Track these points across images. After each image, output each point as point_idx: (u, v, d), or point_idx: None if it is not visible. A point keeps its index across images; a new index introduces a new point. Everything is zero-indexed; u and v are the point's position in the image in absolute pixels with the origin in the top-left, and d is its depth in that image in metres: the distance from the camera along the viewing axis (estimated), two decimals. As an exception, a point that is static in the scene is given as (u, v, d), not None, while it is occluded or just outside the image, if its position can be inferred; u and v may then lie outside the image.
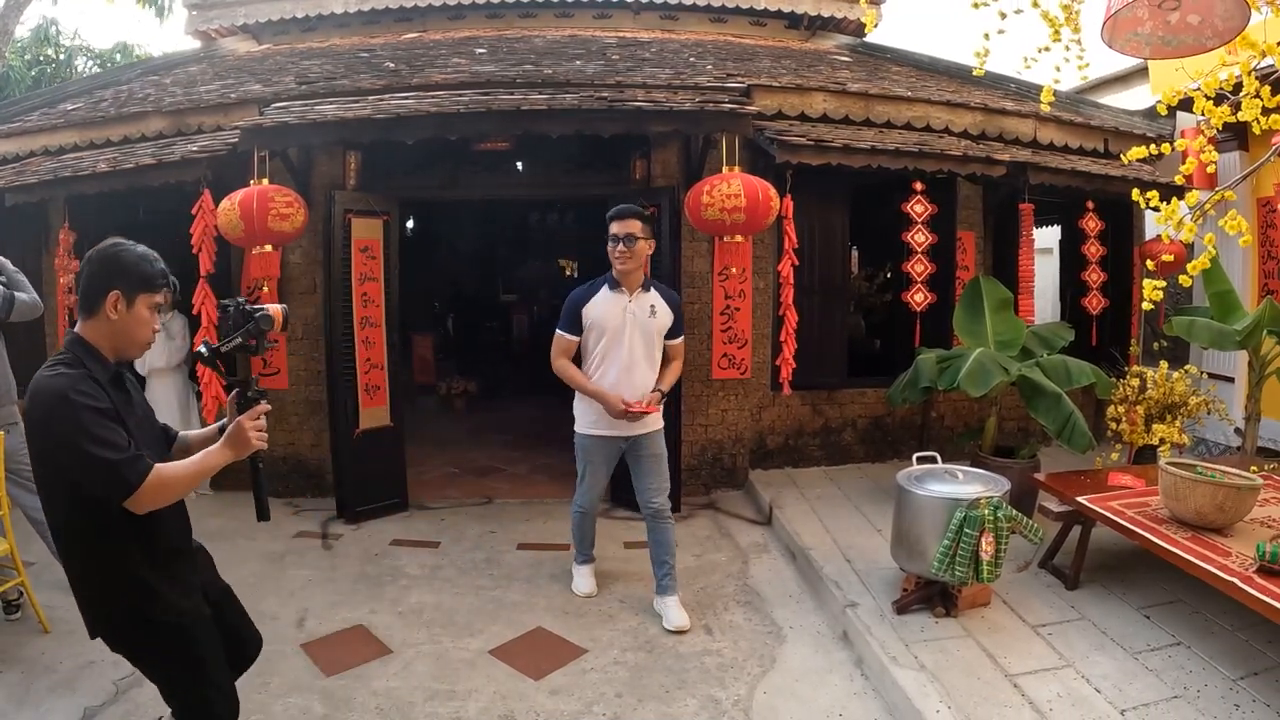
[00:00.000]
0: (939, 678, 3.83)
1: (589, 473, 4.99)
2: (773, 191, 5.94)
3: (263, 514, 2.83)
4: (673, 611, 4.68)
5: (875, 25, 5.85)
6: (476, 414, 10.74)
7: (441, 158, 6.86)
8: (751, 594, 5.17)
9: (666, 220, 6.45)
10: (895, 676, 3.83)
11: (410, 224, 12.95)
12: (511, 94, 6.50)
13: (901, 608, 4.51)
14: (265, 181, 5.96)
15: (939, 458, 4.83)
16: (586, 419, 4.84)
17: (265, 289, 6.32)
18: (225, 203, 5.85)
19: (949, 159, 6.76)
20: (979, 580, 4.27)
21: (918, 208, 6.97)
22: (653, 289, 4.75)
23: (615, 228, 4.56)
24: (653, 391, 4.68)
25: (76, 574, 2.58)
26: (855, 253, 8.78)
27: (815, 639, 4.54)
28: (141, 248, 2.61)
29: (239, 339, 2.72)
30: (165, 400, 6.71)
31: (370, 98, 6.73)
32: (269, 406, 2.74)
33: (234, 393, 2.72)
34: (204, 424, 6.70)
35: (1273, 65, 3.72)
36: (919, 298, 7.03)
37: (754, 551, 5.87)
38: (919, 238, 7.01)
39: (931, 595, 4.52)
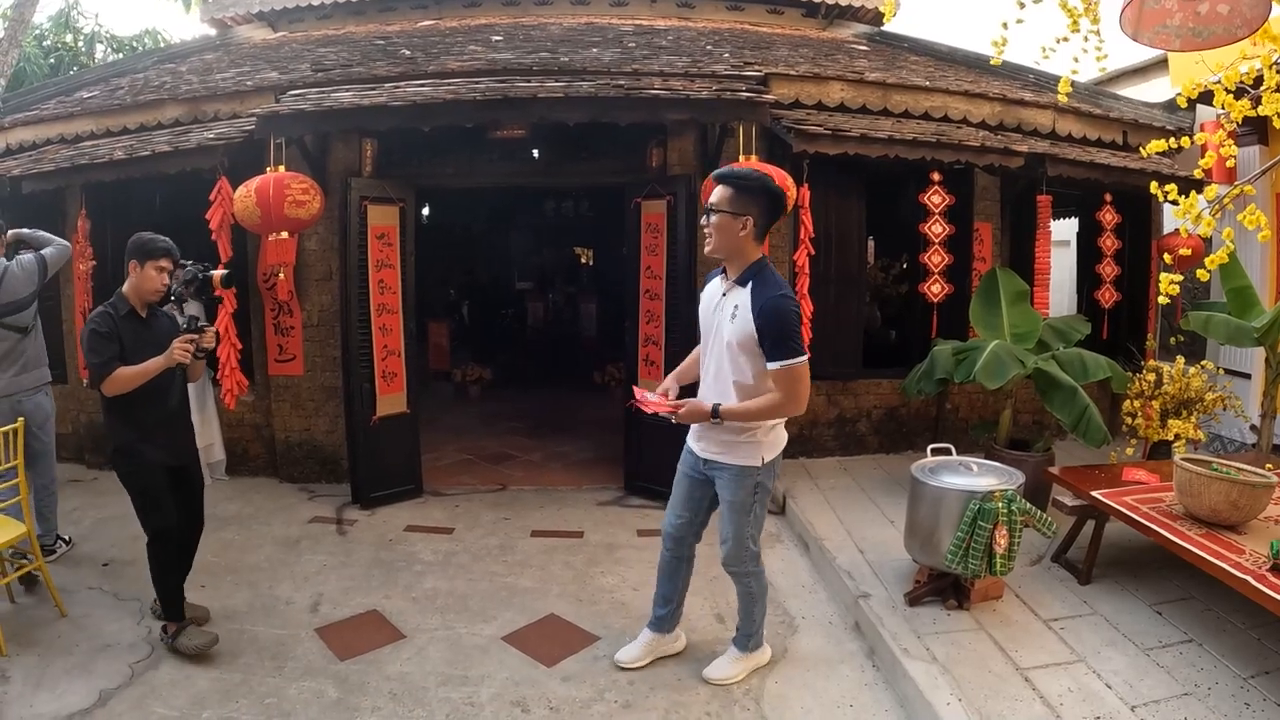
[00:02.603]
0: (950, 670, 3.83)
1: (674, 481, 4.05)
2: (790, 180, 5.92)
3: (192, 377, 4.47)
4: (722, 660, 4.06)
5: (894, 14, 5.80)
6: (491, 401, 10.77)
7: (457, 145, 6.87)
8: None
9: (683, 209, 6.43)
10: (907, 668, 3.83)
11: (426, 211, 12.97)
12: (528, 82, 6.49)
13: (914, 599, 4.51)
14: (282, 168, 5.97)
15: (953, 450, 4.81)
16: None
17: (281, 275, 6.35)
18: (242, 190, 5.87)
19: (967, 149, 6.71)
20: (992, 573, 4.25)
21: (935, 198, 6.93)
22: (751, 283, 3.45)
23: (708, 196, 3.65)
24: (710, 404, 3.55)
25: (105, 425, 4.28)
26: (872, 243, 8.74)
27: (827, 629, 4.55)
28: (154, 235, 4.28)
29: (177, 286, 4.26)
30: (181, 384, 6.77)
31: (386, 85, 6.73)
32: (207, 342, 4.14)
33: (186, 322, 4.14)
34: (223, 409, 6.77)
35: None
36: (935, 289, 7.01)
37: (767, 541, 5.81)
38: (936, 228, 6.97)
39: (944, 588, 4.52)
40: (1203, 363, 6.40)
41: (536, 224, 14.55)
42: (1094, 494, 4.75)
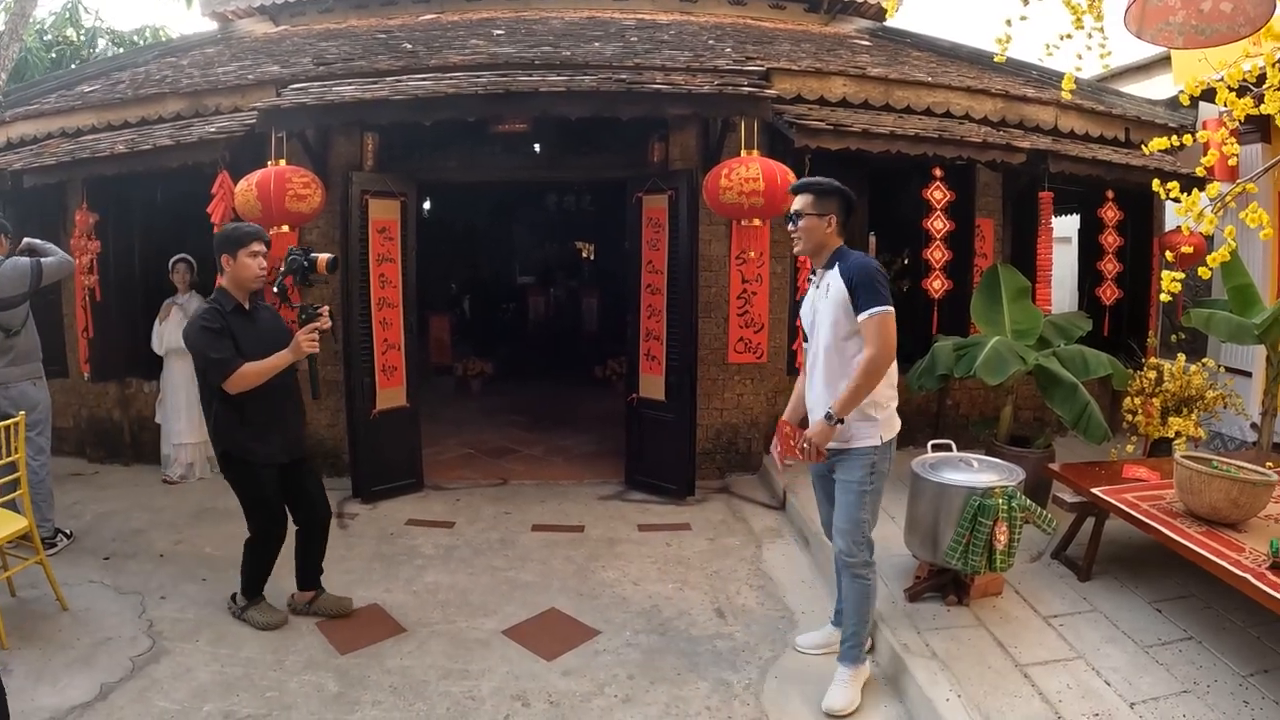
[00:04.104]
0: (950, 666, 3.84)
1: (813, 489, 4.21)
2: (791, 175, 5.90)
3: (315, 393, 4.35)
4: (835, 688, 3.77)
5: (896, 9, 5.81)
6: (492, 395, 10.78)
7: (459, 139, 6.86)
8: (764, 578, 5.20)
9: (684, 203, 6.44)
10: (906, 663, 3.84)
11: (427, 205, 12.96)
12: (530, 76, 6.48)
13: (914, 595, 4.51)
14: (283, 162, 5.99)
15: (954, 446, 4.81)
16: None
17: (282, 269, 6.34)
18: (243, 184, 5.87)
19: (969, 145, 6.71)
20: (992, 569, 4.26)
21: (936, 194, 6.92)
22: (838, 262, 3.70)
23: (791, 203, 3.84)
24: (822, 416, 3.63)
25: (209, 425, 4.26)
26: (873, 238, 8.73)
27: (827, 624, 4.54)
28: (239, 222, 4.60)
29: (280, 275, 4.14)
30: (183, 378, 6.79)
31: (388, 79, 6.73)
32: (325, 324, 4.12)
33: (296, 310, 4.12)
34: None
35: None
36: (937, 285, 7.00)
37: (767, 536, 5.88)
38: (938, 224, 6.96)
39: (944, 584, 4.53)
40: (1204, 360, 6.39)
41: (538, 218, 14.56)
42: (1094, 491, 4.75)
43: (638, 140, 6.95)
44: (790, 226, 3.80)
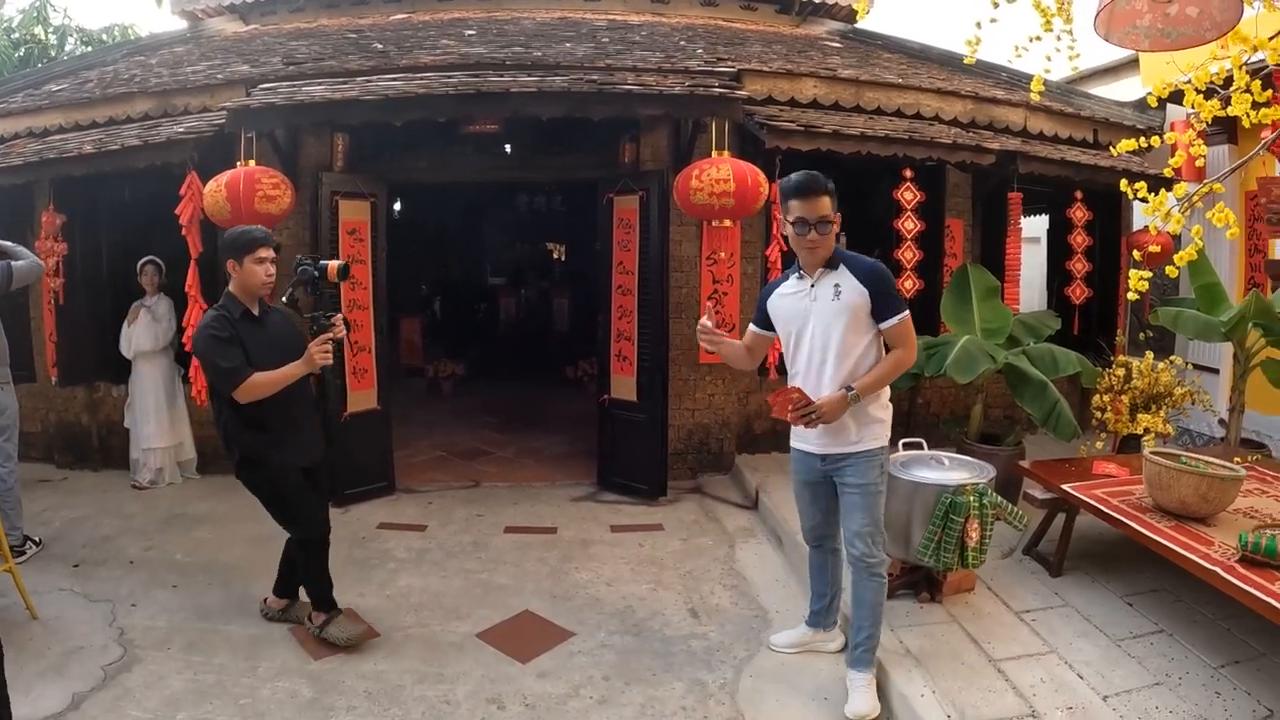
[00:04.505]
0: (924, 662, 3.87)
1: (793, 490, 4.11)
2: (762, 176, 5.95)
3: (330, 408, 4.38)
4: (857, 694, 3.70)
5: (867, 12, 5.86)
6: (464, 397, 10.75)
7: (430, 140, 6.84)
8: (738, 578, 5.21)
9: (655, 204, 6.45)
10: (881, 661, 3.85)
11: (398, 206, 12.90)
12: (501, 76, 6.48)
13: (887, 593, 4.53)
14: (252, 163, 5.95)
15: (925, 444, 4.83)
16: (792, 430, 3.89)
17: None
18: (212, 184, 5.83)
19: (939, 147, 6.77)
20: (964, 566, 4.30)
21: (907, 195, 6.98)
22: (841, 265, 3.63)
23: (801, 209, 3.53)
24: (841, 390, 3.57)
25: (220, 434, 4.12)
26: (844, 239, 8.78)
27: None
28: (246, 226, 4.18)
29: (290, 288, 4.07)
30: (152, 381, 6.73)
31: (358, 79, 6.70)
32: (339, 333, 4.03)
33: (307, 321, 4.00)
34: (194, 407, 6.70)
35: (1264, 60, 3.73)
36: (907, 284, 7.04)
37: (740, 536, 5.89)
38: (908, 224, 7.03)
39: (917, 580, 4.56)
40: (1171, 358, 6.48)
41: (509, 219, 14.53)
42: (1064, 487, 4.81)
43: (609, 141, 6.95)
44: (813, 235, 3.53)
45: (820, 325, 3.62)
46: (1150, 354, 6.49)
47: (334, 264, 4.08)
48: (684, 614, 4.69)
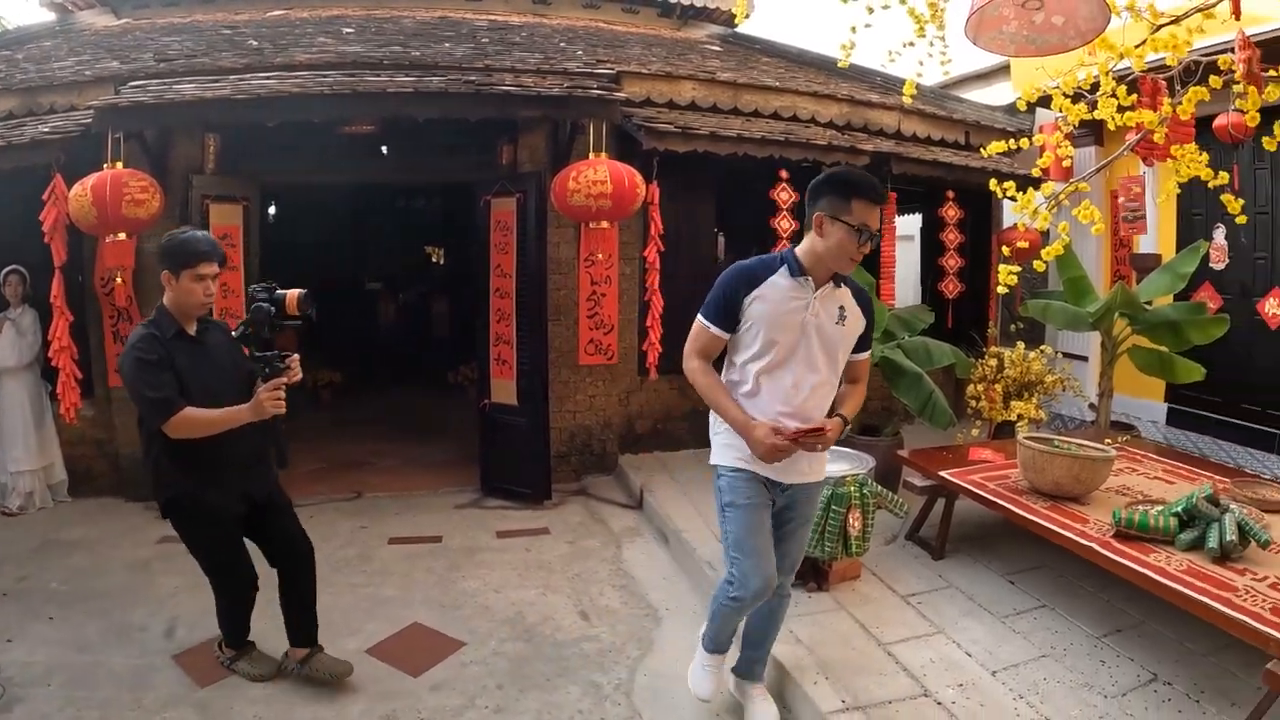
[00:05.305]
0: (815, 650, 3.93)
1: (744, 527, 3.25)
2: (639, 178, 5.98)
3: (281, 463, 3.82)
4: (760, 703, 3.57)
5: (747, 16, 5.96)
6: (344, 406, 10.45)
7: (305, 141, 6.66)
8: (626, 578, 5.22)
9: (533, 206, 6.39)
10: (773, 652, 3.88)
11: (272, 210, 12.57)
12: (378, 76, 6.36)
13: (775, 585, 4.61)
14: (120, 165, 5.67)
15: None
16: (734, 448, 3.29)
17: (120, 280, 6.02)
18: (78, 188, 5.53)
19: (814, 148, 6.90)
20: (848, 555, 4.44)
21: (783, 194, 7.12)
22: (844, 284, 3.24)
23: (867, 214, 3.03)
24: (832, 416, 3.25)
25: (149, 470, 3.62)
26: (721, 239, 8.87)
27: (692, 619, 4.57)
28: (190, 233, 3.57)
29: (243, 327, 3.52)
30: (17, 400, 6.34)
31: (231, 77, 6.47)
32: (294, 378, 3.52)
33: (259, 363, 3.47)
34: (62, 425, 6.42)
35: (1130, 67, 3.94)
36: (782, 283, 7.14)
37: (627, 536, 5.91)
38: (784, 224, 7.16)
39: (803, 571, 4.61)
40: (1042, 347, 6.78)
41: (387, 222, 14.22)
42: (943, 474, 4.99)
43: (487, 142, 6.91)
44: (867, 247, 3.09)
45: (820, 347, 3.18)
46: (1021, 344, 6.77)
47: (294, 293, 3.54)
48: (575, 617, 4.67)
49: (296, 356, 3.58)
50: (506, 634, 4.47)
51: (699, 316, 3.27)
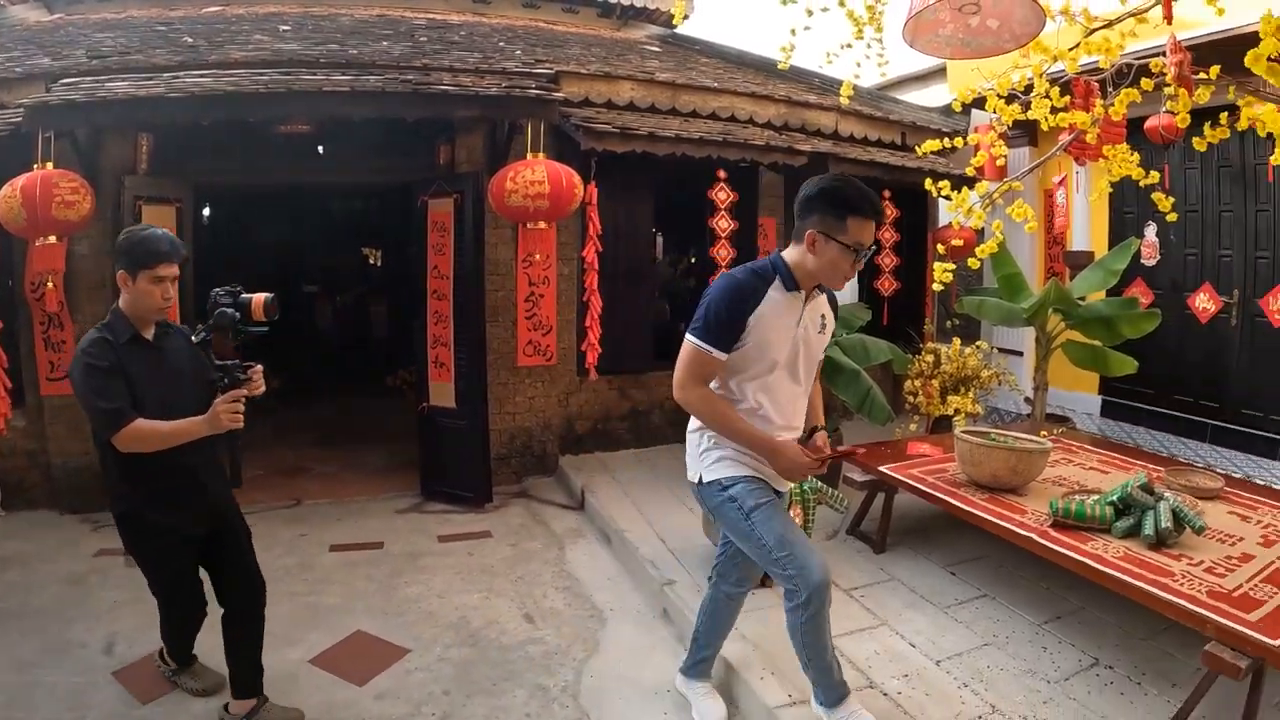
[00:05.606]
0: (760, 646, 3.96)
1: (781, 523, 3.12)
2: (577, 178, 6.00)
3: (235, 480, 3.61)
4: (708, 701, 3.63)
5: (686, 17, 5.99)
6: (281, 411, 10.29)
7: (240, 141, 6.55)
8: (570, 579, 5.21)
9: (470, 207, 6.35)
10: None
11: (207, 211, 12.37)
12: (314, 75, 6.27)
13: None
14: (50, 166, 5.54)
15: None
16: (734, 460, 3.24)
17: (50, 285, 5.89)
18: (6, 189, 5.38)
19: (752, 148, 6.96)
20: (790, 551, 4.46)
21: (721, 194, 7.19)
22: (823, 290, 3.19)
23: (863, 231, 2.95)
24: (819, 431, 3.25)
25: (106, 484, 3.42)
26: (660, 238, 8.92)
27: (636, 618, 4.63)
28: (150, 230, 3.35)
29: (204, 333, 3.36)
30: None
31: (165, 75, 6.32)
32: (256, 389, 3.37)
33: (219, 373, 3.30)
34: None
35: (1063, 69, 4.05)
36: (721, 282, 7.20)
37: (569, 537, 5.90)
38: (722, 224, 7.24)
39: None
40: (978, 343, 6.92)
41: (324, 223, 14.08)
42: (882, 469, 5.07)
43: (425, 143, 6.86)
44: (860, 264, 3.02)
45: (803, 359, 3.14)
46: (957, 340, 6.89)
47: (259, 297, 3.38)
48: (519, 620, 4.65)
49: (259, 367, 3.40)
50: (451, 639, 4.44)
51: (692, 340, 3.08)
